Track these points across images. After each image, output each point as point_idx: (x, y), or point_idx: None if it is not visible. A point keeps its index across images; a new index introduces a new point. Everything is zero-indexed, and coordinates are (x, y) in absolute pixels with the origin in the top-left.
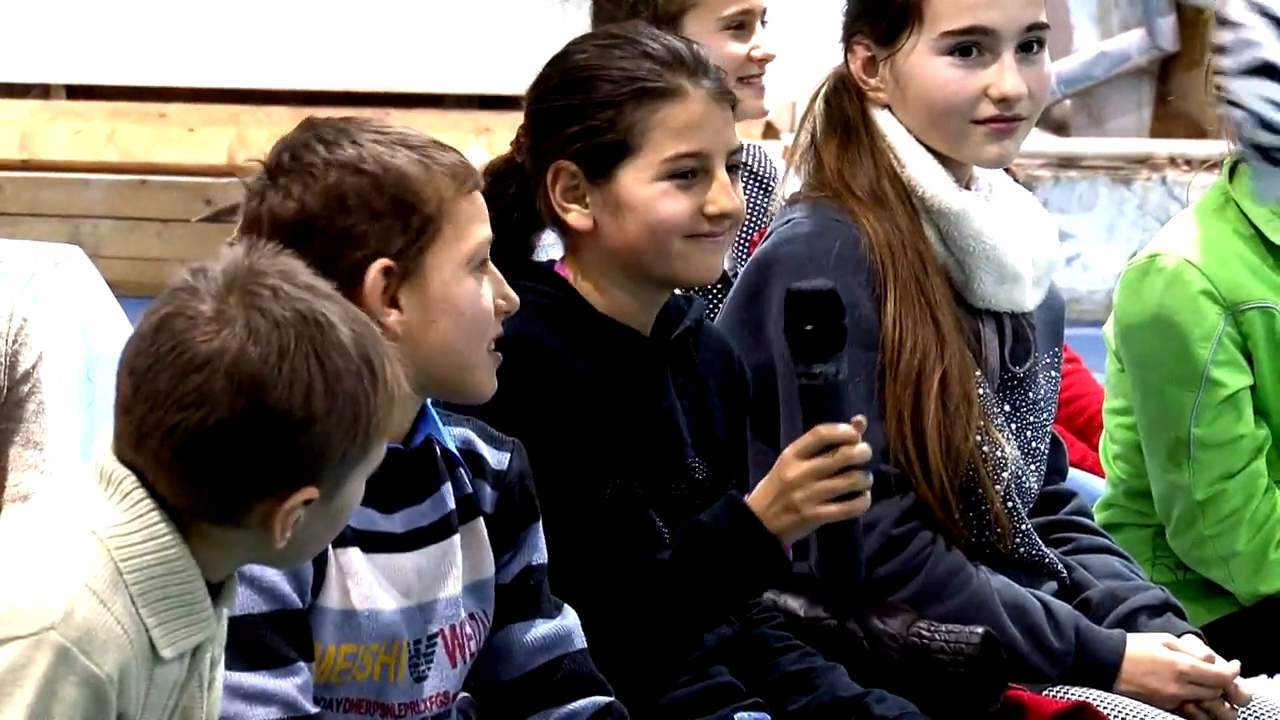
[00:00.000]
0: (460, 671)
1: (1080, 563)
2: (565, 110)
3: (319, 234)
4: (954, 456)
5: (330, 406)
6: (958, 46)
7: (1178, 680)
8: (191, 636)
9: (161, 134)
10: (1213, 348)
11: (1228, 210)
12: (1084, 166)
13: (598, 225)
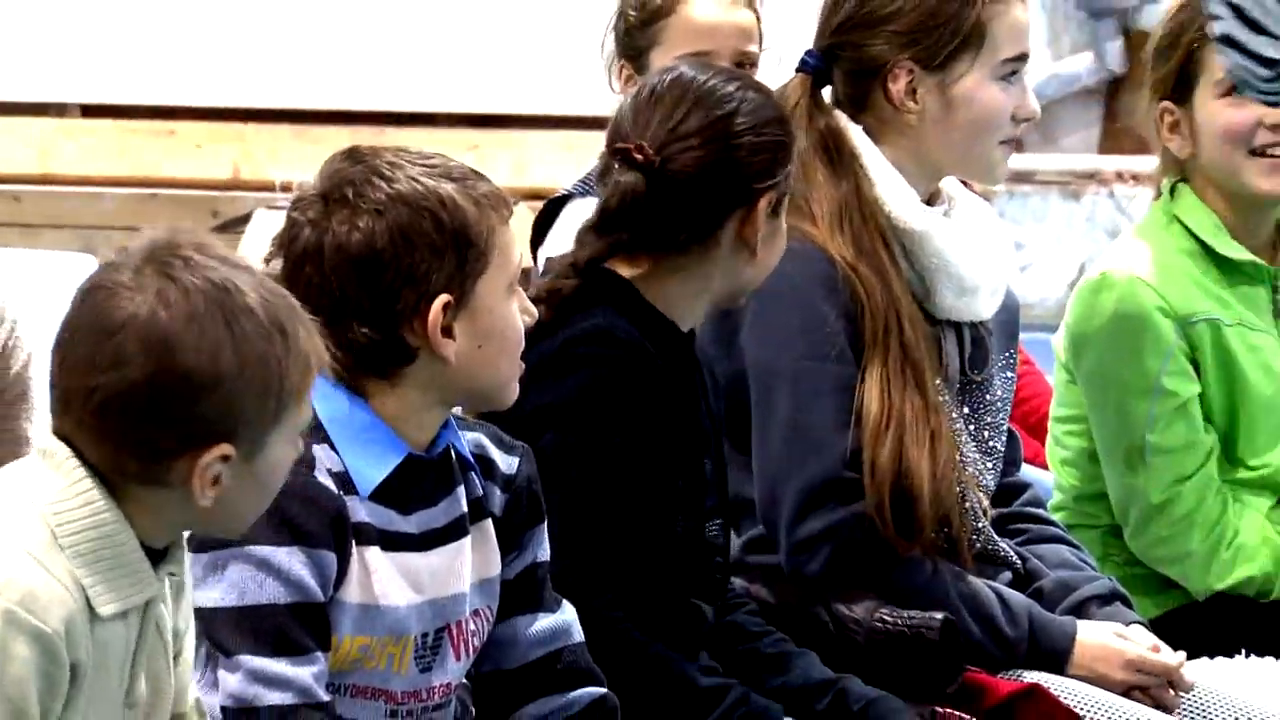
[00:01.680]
0: (464, 664)
1: (1033, 553)
2: None
3: (386, 267)
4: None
5: (239, 367)
6: (1011, 72)
7: (1125, 667)
8: (131, 597)
9: (170, 150)
10: (1165, 359)
11: (1173, 227)
12: (1036, 181)
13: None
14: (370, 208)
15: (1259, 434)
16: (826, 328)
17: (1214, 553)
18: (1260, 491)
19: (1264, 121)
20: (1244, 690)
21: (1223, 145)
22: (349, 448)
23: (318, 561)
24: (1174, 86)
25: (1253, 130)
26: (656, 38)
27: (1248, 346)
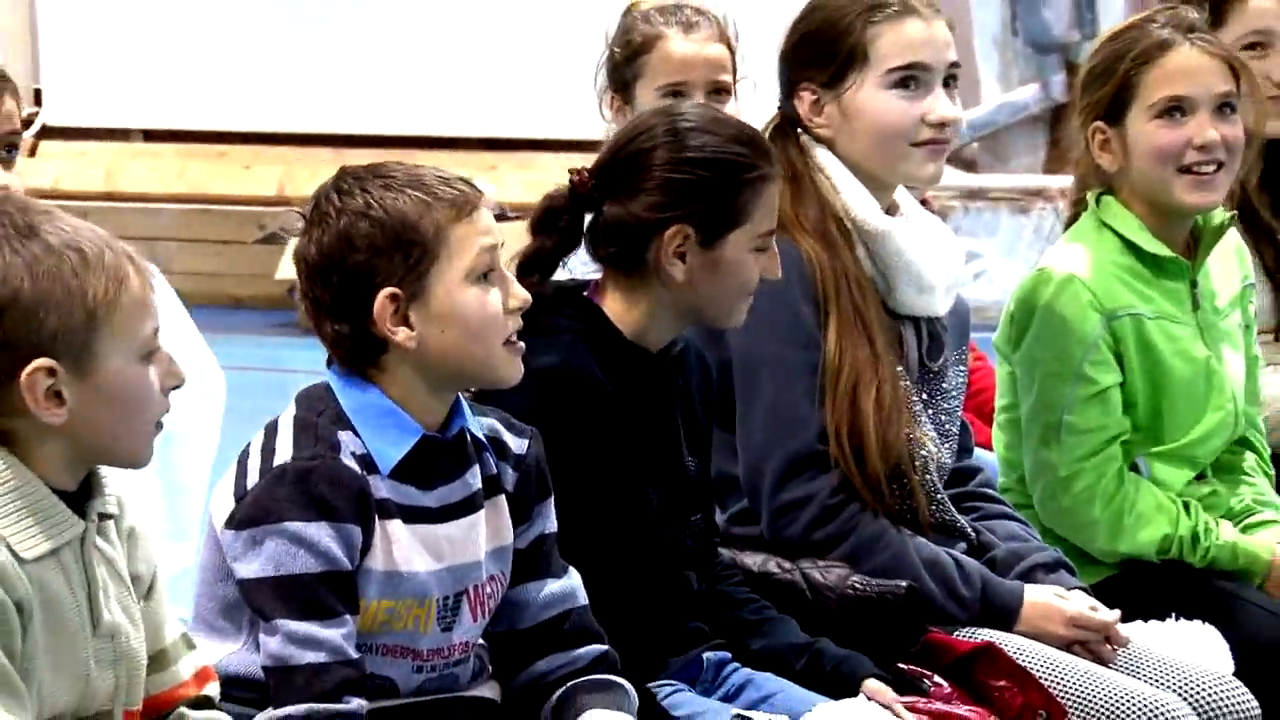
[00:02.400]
0: (480, 624)
1: (986, 527)
2: None
3: (336, 271)
4: (887, 447)
5: (32, 284)
6: (900, 80)
7: (1067, 624)
8: (52, 538)
9: (222, 170)
10: (1089, 349)
11: (1103, 232)
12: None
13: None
14: (323, 220)
15: (1179, 413)
16: (800, 319)
17: (1118, 520)
18: (1181, 464)
19: (1193, 143)
20: (1171, 648)
21: (1154, 162)
22: (369, 432)
23: (344, 535)
24: (1107, 108)
25: (1183, 150)
26: (640, 71)
27: (1168, 337)
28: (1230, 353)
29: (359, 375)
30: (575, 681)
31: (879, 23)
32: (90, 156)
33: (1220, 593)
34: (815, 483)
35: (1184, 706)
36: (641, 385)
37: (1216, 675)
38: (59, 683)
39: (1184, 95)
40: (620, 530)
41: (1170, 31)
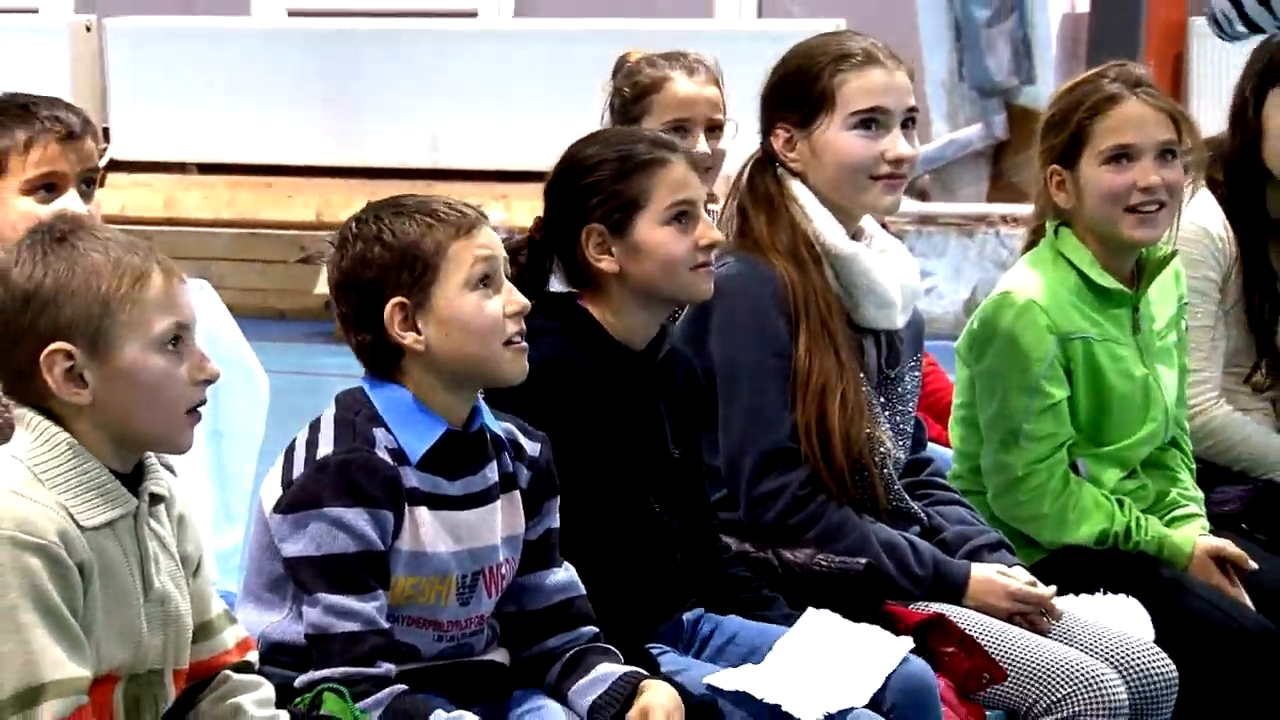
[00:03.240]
0: (494, 600)
1: (937, 512)
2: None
3: (354, 288)
4: (850, 444)
5: (54, 282)
6: (862, 122)
7: (1008, 598)
8: (108, 510)
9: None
10: (1045, 366)
11: (1058, 261)
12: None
13: (623, 268)
14: (344, 246)
15: (1118, 423)
16: (775, 331)
17: (1063, 515)
18: (1115, 464)
19: (1137, 185)
20: (1099, 619)
21: (1104, 202)
22: (398, 428)
23: (378, 519)
24: (1063, 153)
25: (1129, 192)
26: (647, 109)
27: (1112, 357)
28: (1165, 370)
29: (387, 378)
30: (580, 647)
31: (845, 71)
32: (152, 187)
33: (1144, 572)
34: (787, 476)
35: (1111, 671)
36: (625, 378)
37: (1139, 643)
38: (114, 641)
39: (1129, 143)
40: (606, 506)
41: (1119, 86)
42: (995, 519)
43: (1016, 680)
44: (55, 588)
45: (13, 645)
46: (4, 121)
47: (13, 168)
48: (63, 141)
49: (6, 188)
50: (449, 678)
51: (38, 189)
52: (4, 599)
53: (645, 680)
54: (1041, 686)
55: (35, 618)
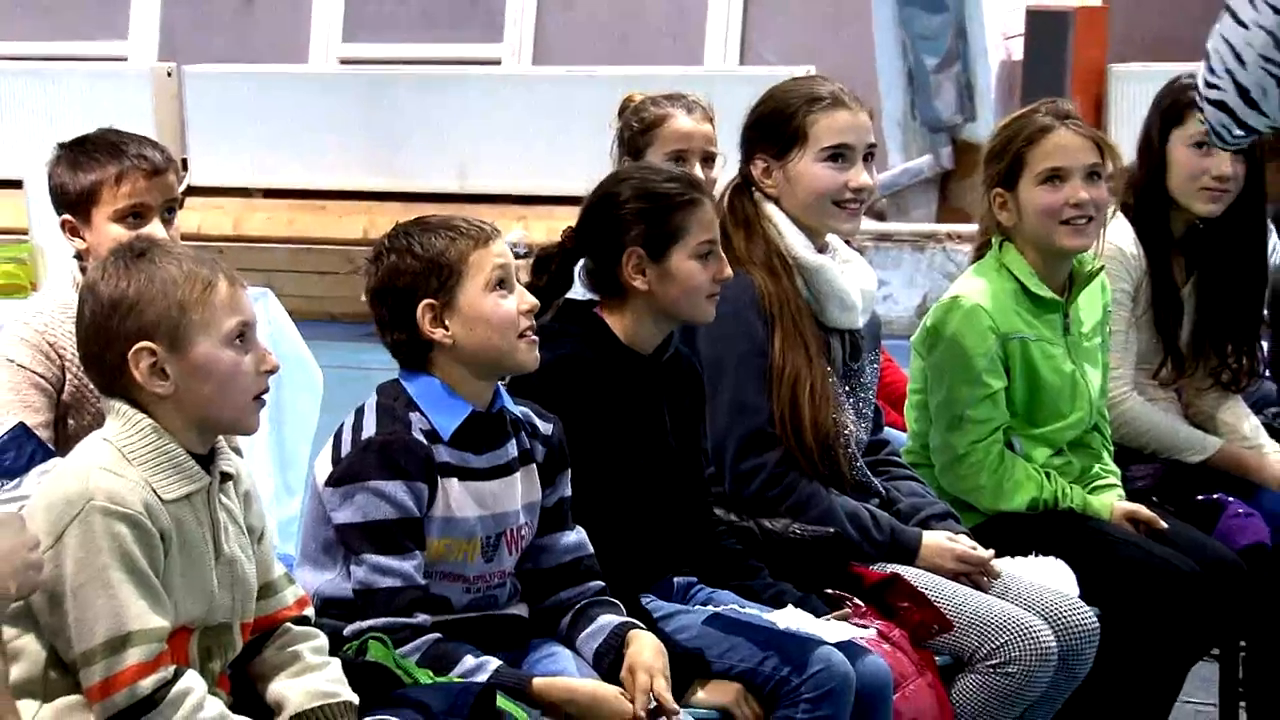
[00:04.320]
0: (514, 558)
1: (893, 486)
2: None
3: (391, 294)
4: (819, 429)
5: (136, 291)
6: (830, 156)
7: (954, 560)
8: (186, 485)
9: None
10: (986, 361)
11: (1001, 271)
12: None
13: (653, 289)
14: (380, 259)
15: (1048, 409)
16: (753, 331)
17: (999, 487)
18: (1045, 444)
19: (1069, 202)
20: (1031, 577)
21: (1041, 217)
22: (431, 411)
23: (415, 491)
24: (1004, 178)
25: (1062, 208)
26: (651, 141)
27: (1045, 355)
28: (1090, 367)
29: (420, 370)
30: (586, 600)
31: (816, 112)
32: (223, 209)
33: (1074, 532)
34: (764, 456)
35: (1042, 623)
36: (631, 378)
37: (1066, 598)
38: (190, 598)
39: (1061, 166)
40: (610, 482)
41: (1050, 118)
42: (942, 490)
43: (961, 630)
44: (140, 551)
45: (104, 600)
46: (98, 157)
47: (105, 198)
48: (148, 177)
49: (99, 215)
50: (476, 629)
51: (126, 217)
52: (96, 560)
53: (632, 631)
54: (982, 636)
55: (123, 576)
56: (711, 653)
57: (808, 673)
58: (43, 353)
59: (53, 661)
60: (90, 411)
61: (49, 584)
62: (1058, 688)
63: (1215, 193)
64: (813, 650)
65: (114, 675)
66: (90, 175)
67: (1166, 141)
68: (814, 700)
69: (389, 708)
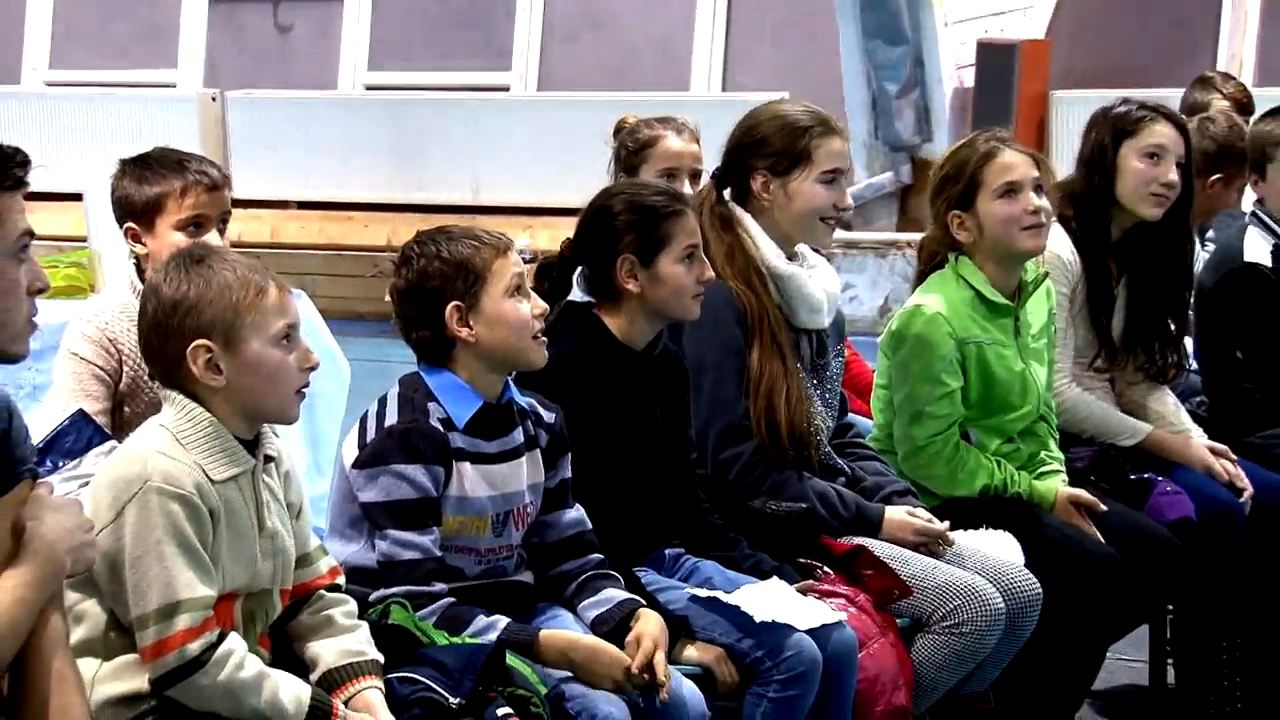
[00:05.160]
0: (521, 532)
1: (859, 466)
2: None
3: (419, 295)
4: (793, 428)
5: (195, 294)
6: (830, 179)
7: (913, 533)
8: (233, 467)
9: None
10: (945, 363)
11: (959, 281)
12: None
13: (644, 291)
14: (408, 263)
15: (1000, 403)
16: (732, 334)
17: (954, 474)
18: (997, 433)
19: (1026, 209)
20: (983, 547)
21: (1004, 226)
22: (447, 401)
23: (433, 473)
24: (960, 199)
25: (1021, 215)
26: (645, 159)
27: (998, 356)
28: (1038, 365)
29: (438, 365)
30: (588, 573)
31: (819, 137)
32: (261, 219)
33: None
34: (740, 447)
35: (991, 588)
36: (625, 371)
37: (1013, 566)
38: (236, 567)
39: (1014, 180)
40: (606, 464)
41: (994, 143)
42: (904, 476)
43: (919, 595)
44: (191, 528)
45: (157, 570)
46: (163, 173)
47: (170, 209)
48: (209, 191)
49: (163, 224)
50: (487, 594)
51: (187, 226)
52: (152, 535)
53: (639, 609)
54: (938, 600)
55: (175, 550)
56: (695, 624)
57: (780, 657)
58: (103, 347)
59: (112, 624)
60: (145, 399)
61: (110, 555)
62: (1005, 647)
63: (1161, 198)
64: (786, 637)
65: (165, 638)
66: (156, 188)
67: (1118, 152)
68: (784, 682)
69: (411, 665)
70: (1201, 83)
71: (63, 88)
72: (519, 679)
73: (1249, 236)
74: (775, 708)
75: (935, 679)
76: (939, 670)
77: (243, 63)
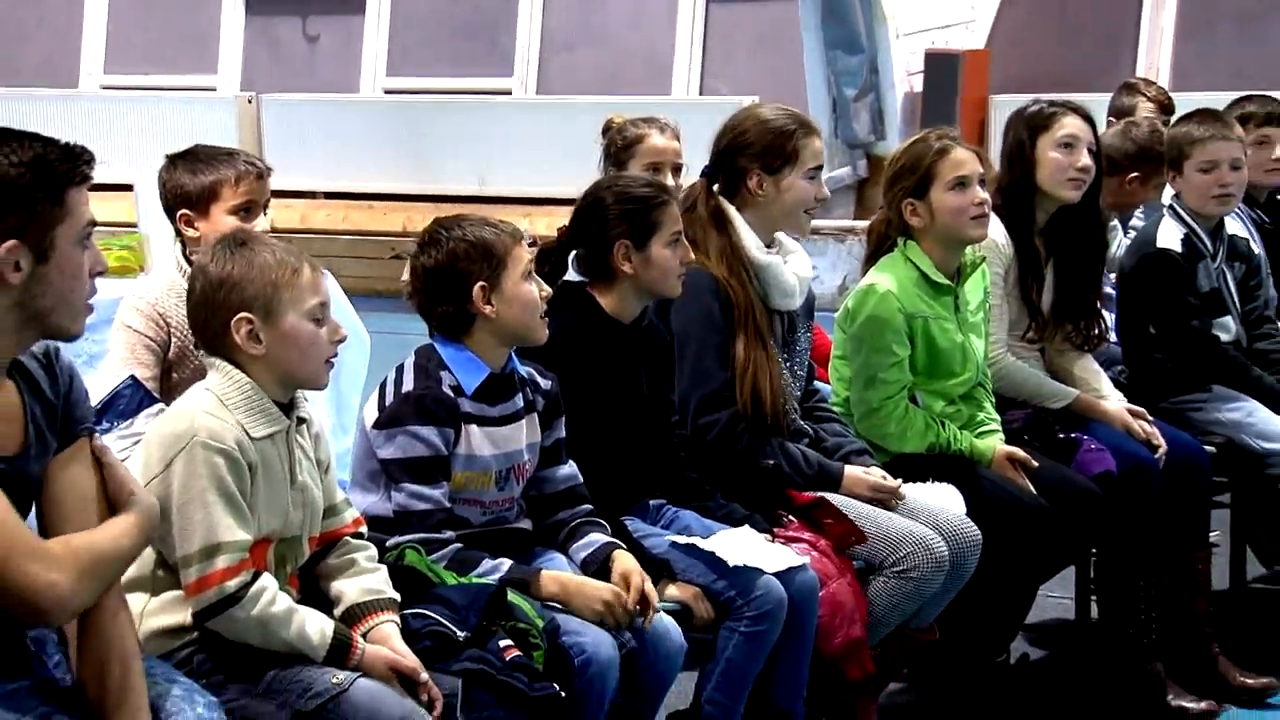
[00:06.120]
0: (521, 486)
1: (822, 428)
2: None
3: (446, 275)
4: (774, 405)
5: (238, 272)
6: (813, 174)
7: (869, 488)
8: (270, 426)
9: (370, 215)
10: (895, 335)
11: (907, 264)
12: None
13: (637, 272)
14: (436, 245)
15: (943, 370)
16: (713, 316)
17: (903, 433)
18: (941, 396)
19: (974, 201)
20: (929, 498)
21: (954, 215)
22: (457, 370)
23: (444, 434)
24: (915, 189)
25: (969, 206)
26: (633, 155)
27: (941, 329)
28: (975, 337)
29: (451, 339)
30: (578, 521)
31: (804, 138)
32: (292, 208)
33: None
34: (718, 414)
35: (936, 535)
36: (615, 343)
37: (955, 515)
38: (270, 515)
39: (964, 174)
40: (597, 426)
41: (946, 141)
42: (859, 435)
43: (873, 542)
44: (231, 479)
45: (201, 516)
46: (216, 164)
47: (225, 195)
48: (258, 179)
49: (217, 210)
50: (491, 540)
51: (239, 211)
52: (196, 485)
53: (616, 550)
54: (890, 546)
55: (216, 498)
56: (675, 567)
57: (751, 596)
58: (153, 320)
59: (159, 563)
60: (190, 367)
61: (159, 501)
62: (949, 586)
63: (1078, 181)
64: (756, 578)
65: (206, 576)
66: (211, 177)
67: (1035, 146)
68: (754, 618)
69: (423, 603)
70: (1127, 88)
71: (115, 91)
72: (519, 614)
73: (1163, 225)
74: (745, 640)
75: (887, 615)
76: (890, 608)
77: (275, 69)
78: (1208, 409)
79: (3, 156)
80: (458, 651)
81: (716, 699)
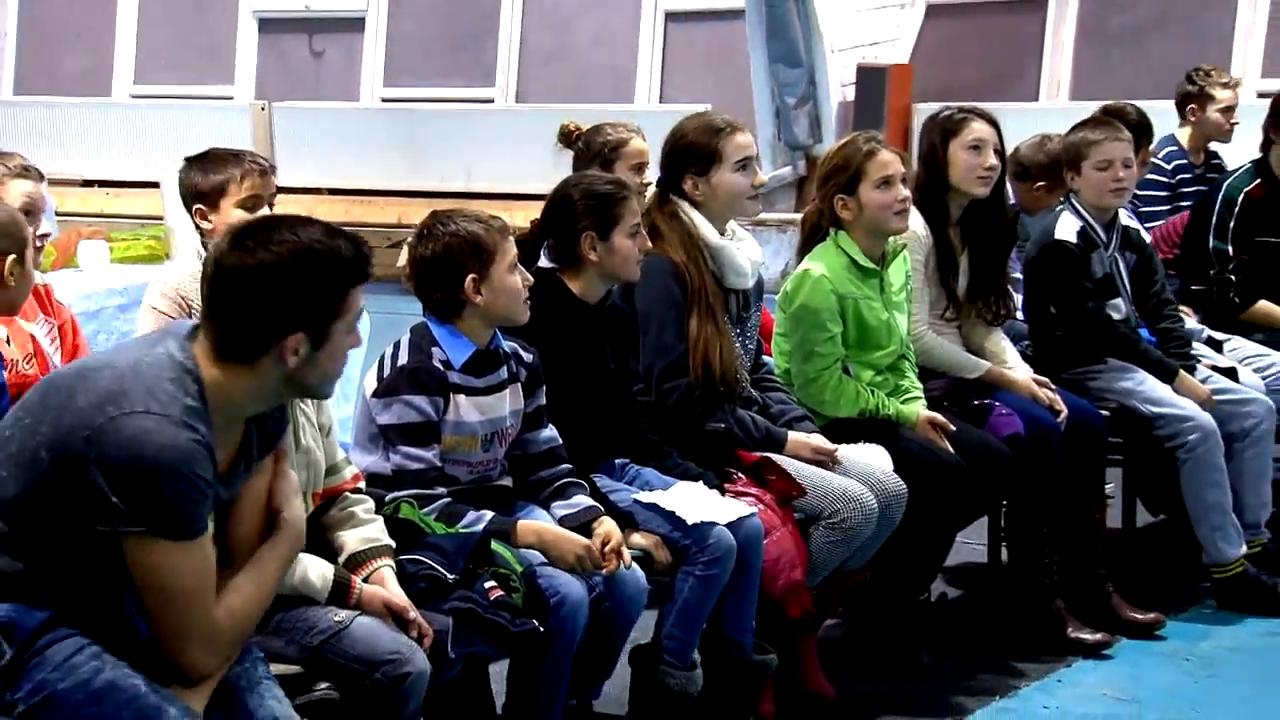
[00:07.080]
0: (504, 448)
1: (768, 396)
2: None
3: (441, 266)
4: (725, 375)
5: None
6: (740, 166)
7: (810, 451)
8: None
9: (368, 209)
10: (828, 314)
11: (839, 251)
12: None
13: (601, 260)
14: (433, 237)
15: (871, 344)
16: (672, 294)
17: (836, 401)
18: (869, 367)
19: (897, 198)
20: (860, 457)
21: (880, 210)
22: (447, 347)
23: (435, 402)
24: (846, 185)
25: (893, 203)
26: (616, 157)
27: (868, 308)
28: (899, 315)
29: (443, 320)
30: (560, 481)
31: (726, 137)
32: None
33: (885, 431)
34: (677, 381)
35: (866, 490)
36: (583, 322)
37: (883, 472)
38: None
39: (890, 174)
40: (570, 394)
41: (874, 143)
42: (799, 403)
43: (812, 496)
44: None
45: None
46: (225, 163)
47: (232, 191)
48: (262, 176)
49: (226, 204)
50: (476, 495)
51: (246, 205)
52: None
53: (600, 515)
54: (825, 500)
55: None
56: (638, 519)
57: (704, 544)
58: (176, 303)
59: None
60: None
61: None
62: (878, 535)
63: (986, 179)
64: (709, 528)
65: None
66: (220, 175)
67: (947, 149)
68: (707, 563)
69: (416, 550)
70: (1202, 77)
71: (144, 99)
72: (501, 561)
73: (1062, 219)
74: (700, 583)
75: (824, 560)
76: (827, 554)
77: (286, 80)
78: (1102, 379)
79: (325, 251)
80: (448, 593)
81: (675, 634)
